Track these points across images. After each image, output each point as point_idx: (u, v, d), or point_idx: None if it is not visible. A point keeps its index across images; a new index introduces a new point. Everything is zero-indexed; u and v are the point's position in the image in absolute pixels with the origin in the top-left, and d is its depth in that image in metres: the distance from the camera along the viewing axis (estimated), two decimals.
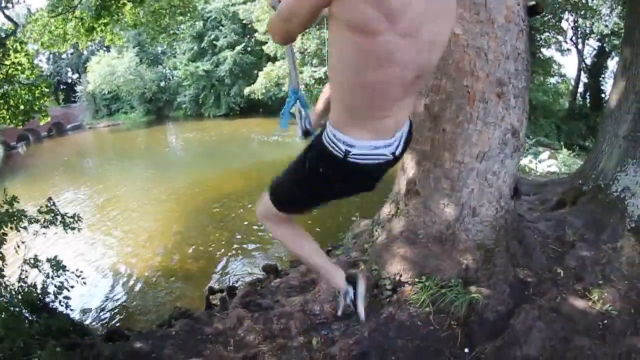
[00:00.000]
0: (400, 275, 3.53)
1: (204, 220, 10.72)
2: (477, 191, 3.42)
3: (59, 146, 36.39)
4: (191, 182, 14.99)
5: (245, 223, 10.06)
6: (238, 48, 30.51)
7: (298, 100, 1.86)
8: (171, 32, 12.66)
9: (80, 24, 9.08)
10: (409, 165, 3.80)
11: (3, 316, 3.73)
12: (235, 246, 9.01)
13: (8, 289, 4.26)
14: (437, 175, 3.50)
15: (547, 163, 10.80)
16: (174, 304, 6.90)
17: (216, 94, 33.53)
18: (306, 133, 1.91)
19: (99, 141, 36.43)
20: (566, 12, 18.84)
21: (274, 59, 26.13)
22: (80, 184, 19.25)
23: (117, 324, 6.69)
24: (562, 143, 13.38)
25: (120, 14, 9.86)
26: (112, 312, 7.38)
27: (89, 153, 31.77)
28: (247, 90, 26.41)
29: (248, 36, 30.75)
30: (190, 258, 8.77)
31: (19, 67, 7.79)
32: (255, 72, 26.59)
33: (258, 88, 25.25)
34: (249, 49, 31.04)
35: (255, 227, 9.46)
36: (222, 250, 8.89)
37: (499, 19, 3.15)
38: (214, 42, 32.37)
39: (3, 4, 6.95)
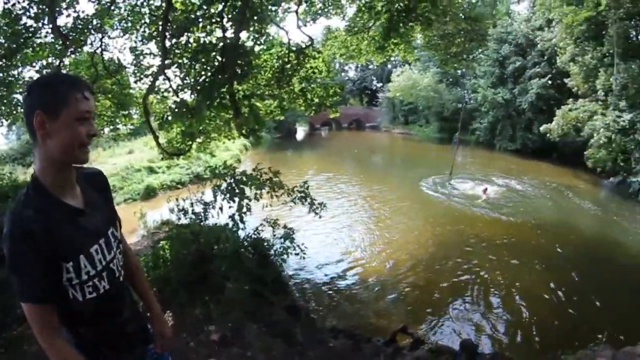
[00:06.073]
0: None
1: (446, 256, 10.57)
2: None
3: (355, 138, 42.32)
4: (460, 214, 14.75)
5: (482, 279, 9.41)
6: (543, 80, 27.54)
7: None
8: (461, 58, 12.63)
9: (372, 42, 10.33)
10: None
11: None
12: (461, 296, 8.61)
13: (245, 232, 5.60)
14: None
15: None
16: (368, 314, 7.36)
17: (512, 126, 31.38)
18: None
19: (391, 144, 40.15)
20: None
21: (575, 96, 22.85)
22: (359, 175, 21.93)
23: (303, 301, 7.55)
24: None
25: (410, 35, 10.67)
26: (311, 290, 8.40)
27: (378, 151, 35.61)
28: (543, 128, 23.83)
29: (551, 66, 27.36)
30: (410, 284, 8.94)
31: (316, 70, 9.61)
32: (555, 108, 23.48)
33: (554, 128, 22.42)
34: (550, 81, 27.56)
35: (490, 291, 8.85)
36: (445, 293, 8.65)
37: None
38: (518, 69, 30.28)
39: (300, 24, 8.58)
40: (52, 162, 1.27)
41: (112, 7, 6.48)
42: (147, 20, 6.82)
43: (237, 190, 5.34)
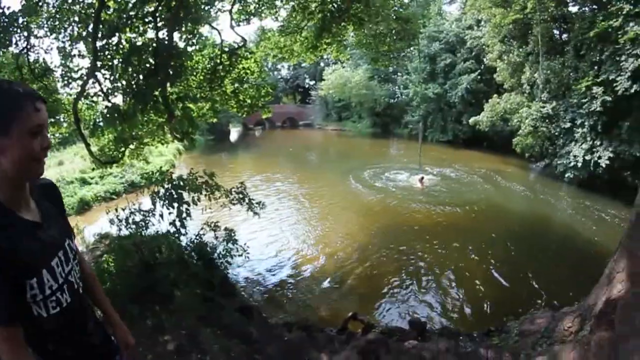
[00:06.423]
0: None
1: (385, 245, 10.86)
2: None
3: (289, 137, 42.34)
4: (396, 204, 15.23)
5: (423, 264, 9.78)
6: (473, 75, 29.42)
7: None
8: (392, 56, 13.00)
9: (304, 42, 10.40)
10: (619, 274, 2.49)
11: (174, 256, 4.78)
12: (404, 280, 8.93)
13: (187, 237, 5.45)
14: None
15: None
16: (316, 308, 7.49)
17: (443, 118, 32.92)
18: None
19: (325, 141, 40.46)
20: None
21: (502, 90, 24.62)
22: (294, 173, 21.95)
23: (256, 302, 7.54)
24: None
25: (342, 35, 10.87)
26: (258, 289, 8.45)
27: (313, 148, 35.80)
28: (472, 120, 25.48)
29: (480, 63, 29.24)
30: (353, 274, 9.15)
31: (248, 71, 9.53)
32: (484, 101, 25.17)
33: (483, 119, 24.09)
34: (480, 76, 29.56)
35: (431, 274, 9.21)
36: (388, 279, 8.90)
37: None
38: (448, 65, 31.91)
39: (233, 24, 8.50)
40: (8, 180, 1.21)
41: (40, 3, 6.01)
42: (77, 19, 6.42)
43: (175, 196, 5.23)
